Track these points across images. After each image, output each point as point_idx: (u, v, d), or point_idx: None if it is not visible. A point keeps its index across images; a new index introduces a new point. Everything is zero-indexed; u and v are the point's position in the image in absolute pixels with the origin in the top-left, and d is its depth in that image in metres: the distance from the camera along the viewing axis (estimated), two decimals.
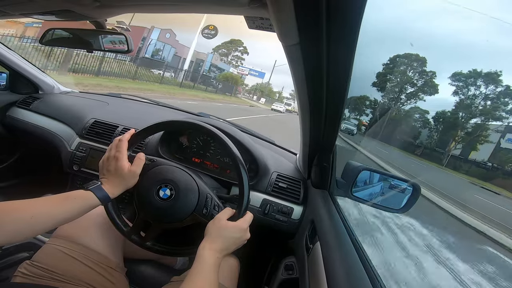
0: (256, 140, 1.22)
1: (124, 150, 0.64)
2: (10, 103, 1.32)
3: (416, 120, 10.54)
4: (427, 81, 10.73)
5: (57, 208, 0.53)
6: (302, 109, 0.63)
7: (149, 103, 1.53)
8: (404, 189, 0.84)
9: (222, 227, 0.60)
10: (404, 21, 26.24)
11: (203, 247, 0.56)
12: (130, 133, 0.68)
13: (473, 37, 18.84)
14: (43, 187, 1.20)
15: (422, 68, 10.74)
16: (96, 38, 0.84)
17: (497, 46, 15.77)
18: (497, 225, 3.14)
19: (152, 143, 1.04)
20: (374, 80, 11.52)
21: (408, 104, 10.93)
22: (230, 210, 0.64)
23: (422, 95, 10.79)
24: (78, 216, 0.56)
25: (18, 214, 0.48)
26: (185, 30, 28.27)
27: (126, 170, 0.62)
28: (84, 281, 0.64)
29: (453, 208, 3.84)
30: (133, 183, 0.64)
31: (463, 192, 5.92)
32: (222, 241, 0.58)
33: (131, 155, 0.66)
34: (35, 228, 0.50)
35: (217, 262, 0.56)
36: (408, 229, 2.22)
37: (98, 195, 0.58)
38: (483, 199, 5.15)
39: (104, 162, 0.64)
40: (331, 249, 0.60)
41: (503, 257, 2.41)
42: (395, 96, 10.96)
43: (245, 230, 0.62)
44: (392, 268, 1.18)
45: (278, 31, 0.43)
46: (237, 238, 0.61)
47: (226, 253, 0.59)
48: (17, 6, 0.68)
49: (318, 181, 0.90)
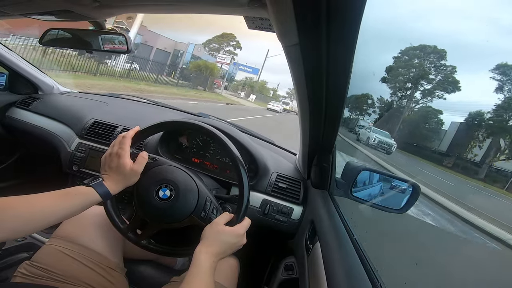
0: (256, 140, 1.22)
1: (127, 147, 0.63)
2: (10, 103, 1.32)
3: (438, 122, 8.07)
4: (447, 76, 8.52)
5: (58, 204, 0.53)
6: (302, 109, 0.63)
7: (148, 103, 1.53)
8: (404, 190, 0.84)
9: (219, 232, 0.60)
10: (404, 21, 26.40)
11: (200, 250, 0.57)
12: (135, 130, 0.68)
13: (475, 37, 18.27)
14: (42, 188, 1.19)
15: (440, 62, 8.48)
16: (96, 38, 0.84)
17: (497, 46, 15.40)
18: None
19: (152, 143, 1.04)
20: (378, 78, 9.52)
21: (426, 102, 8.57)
22: (228, 215, 0.65)
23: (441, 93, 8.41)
24: (79, 212, 0.56)
25: (18, 210, 0.48)
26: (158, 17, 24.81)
27: (128, 168, 0.62)
28: (84, 281, 0.64)
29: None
30: (134, 181, 0.64)
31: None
32: (218, 245, 0.59)
33: (134, 152, 0.66)
34: (36, 224, 0.49)
35: (213, 266, 0.56)
36: (408, 228, 2.22)
37: (99, 191, 0.58)
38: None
39: (107, 158, 0.64)
40: (331, 249, 0.60)
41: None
42: (408, 93, 8.83)
43: (241, 235, 0.63)
44: (392, 268, 1.18)
45: (277, 32, 0.43)
46: (234, 243, 0.61)
47: (222, 257, 0.60)
48: (16, 6, 0.68)
49: (317, 181, 0.90)
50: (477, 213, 3.08)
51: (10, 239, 0.46)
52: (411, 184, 0.81)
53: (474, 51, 18.04)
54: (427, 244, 2.14)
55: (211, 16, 0.60)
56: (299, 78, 0.50)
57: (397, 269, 1.30)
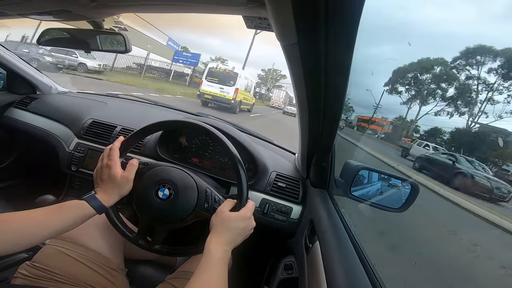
0: (255, 139, 1.22)
1: (116, 158, 0.64)
2: (8, 103, 1.31)
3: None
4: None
5: (52, 219, 0.53)
6: (301, 108, 0.63)
7: (147, 103, 1.53)
8: (403, 188, 0.84)
9: (225, 219, 0.59)
10: (404, 21, 26.35)
11: (210, 241, 0.56)
12: (120, 141, 0.68)
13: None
14: (41, 188, 1.19)
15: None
16: (94, 38, 0.83)
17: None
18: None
19: (151, 143, 1.04)
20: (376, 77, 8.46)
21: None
22: (231, 201, 0.64)
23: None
24: (74, 226, 0.56)
25: (11, 225, 0.48)
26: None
27: (119, 177, 0.62)
28: (85, 282, 0.63)
29: None
30: (128, 189, 0.64)
31: None
32: (228, 233, 0.58)
33: (124, 162, 0.66)
34: (29, 239, 0.50)
35: (225, 255, 0.55)
36: (407, 228, 2.23)
37: (92, 204, 0.58)
38: None
39: (98, 171, 0.65)
40: (330, 248, 0.61)
41: None
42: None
43: (249, 218, 0.62)
44: (391, 267, 1.18)
45: (276, 31, 0.43)
46: (243, 228, 0.60)
47: (234, 245, 0.59)
48: (14, 6, 0.68)
49: (317, 180, 0.90)
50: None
51: (2, 254, 0.46)
52: (410, 183, 0.81)
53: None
54: (426, 243, 2.15)
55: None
56: (298, 77, 0.50)
57: (396, 268, 1.30)
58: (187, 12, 0.60)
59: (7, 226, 0.47)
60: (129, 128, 1.12)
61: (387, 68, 9.64)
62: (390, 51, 24.66)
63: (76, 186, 1.31)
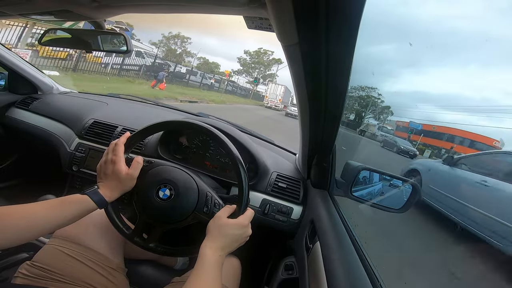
0: (256, 140, 1.22)
1: (121, 153, 0.64)
2: (9, 103, 1.32)
3: None
4: None
5: (53, 213, 0.53)
6: (302, 108, 0.63)
7: (148, 103, 1.53)
8: (404, 189, 0.84)
9: (222, 225, 0.60)
10: (404, 20, 26.32)
11: (205, 245, 0.56)
12: (126, 136, 0.68)
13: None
14: (42, 188, 1.20)
15: None
16: (95, 38, 0.84)
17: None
18: None
19: (152, 143, 1.04)
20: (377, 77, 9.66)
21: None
22: (230, 208, 0.64)
23: None
24: (75, 220, 0.56)
25: (14, 219, 0.48)
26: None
27: (123, 173, 0.62)
28: (85, 281, 0.64)
29: None
30: (130, 186, 0.64)
31: None
32: (223, 239, 0.58)
33: (129, 157, 0.66)
34: (31, 232, 0.50)
35: (220, 260, 0.56)
36: (407, 227, 2.22)
37: (94, 199, 0.58)
38: None
39: (102, 166, 0.64)
40: (330, 249, 0.60)
41: None
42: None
43: (246, 226, 0.62)
44: (391, 267, 1.18)
45: (277, 31, 0.43)
46: (239, 235, 0.60)
47: (228, 250, 0.59)
48: (15, 6, 0.68)
49: (317, 181, 0.90)
50: None
51: (4, 248, 0.47)
52: (411, 184, 0.81)
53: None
54: (426, 244, 2.14)
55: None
56: (299, 77, 0.50)
57: (397, 269, 1.30)
58: (187, 12, 0.60)
59: (9, 220, 0.48)
60: (130, 128, 1.12)
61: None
62: (392, 50, 24.50)
63: (77, 186, 1.31)
